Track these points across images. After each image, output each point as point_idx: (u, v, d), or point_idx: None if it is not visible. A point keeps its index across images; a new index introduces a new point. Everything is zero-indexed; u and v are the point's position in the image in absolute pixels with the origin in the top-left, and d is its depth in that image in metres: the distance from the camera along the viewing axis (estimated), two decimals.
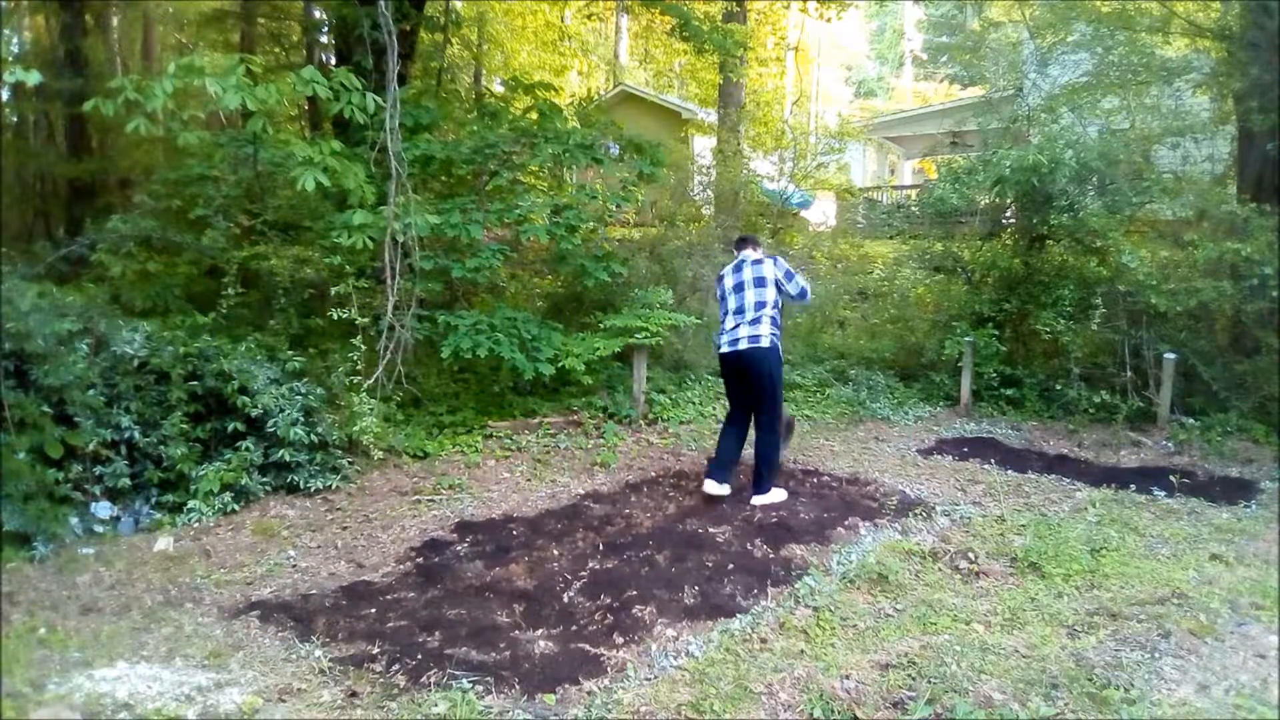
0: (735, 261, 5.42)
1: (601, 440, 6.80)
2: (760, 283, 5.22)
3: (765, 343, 5.11)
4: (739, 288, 5.26)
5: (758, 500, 5.16)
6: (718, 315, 9.01)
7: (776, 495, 5.23)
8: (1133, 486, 5.75)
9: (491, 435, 6.69)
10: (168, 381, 5.15)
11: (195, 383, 5.25)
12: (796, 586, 3.97)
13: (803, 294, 5.33)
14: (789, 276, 5.27)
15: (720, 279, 5.47)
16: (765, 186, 13.91)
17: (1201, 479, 6.01)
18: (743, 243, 5.55)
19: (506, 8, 15.59)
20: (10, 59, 11.73)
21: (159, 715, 2.86)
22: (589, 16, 18.47)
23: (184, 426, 5.11)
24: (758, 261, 5.30)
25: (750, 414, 5.31)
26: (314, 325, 6.78)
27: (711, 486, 5.19)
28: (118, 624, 3.63)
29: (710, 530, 4.76)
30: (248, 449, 5.23)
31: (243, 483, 5.16)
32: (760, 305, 5.17)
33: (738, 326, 5.19)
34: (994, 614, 3.70)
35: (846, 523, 4.88)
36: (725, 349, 5.23)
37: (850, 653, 3.31)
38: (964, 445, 6.91)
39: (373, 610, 3.81)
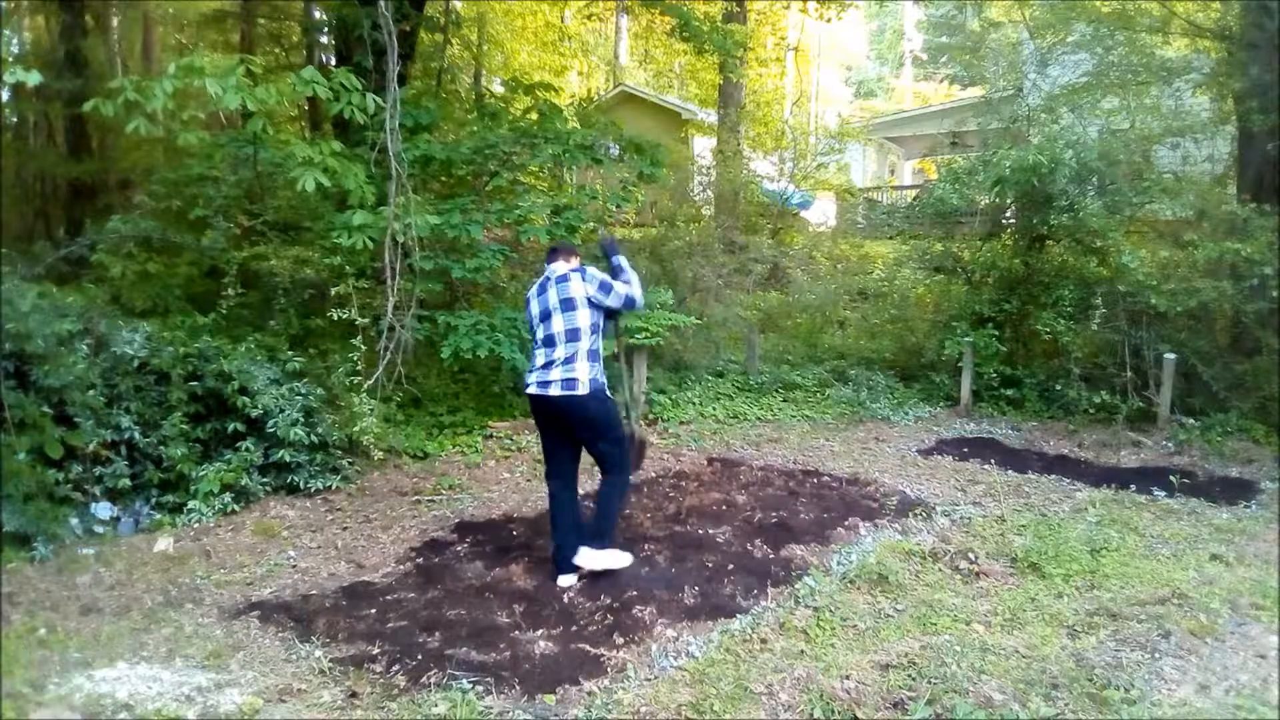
0: (541, 280, 4.31)
1: None
2: (569, 305, 4.10)
3: (583, 388, 4.04)
4: (546, 316, 4.15)
5: (586, 558, 4.08)
6: (716, 315, 9.16)
7: (614, 558, 4.17)
8: (1133, 487, 5.74)
9: (491, 435, 6.69)
10: (168, 382, 5.15)
11: (195, 383, 5.25)
12: (796, 587, 3.97)
13: (630, 302, 4.26)
14: (604, 289, 4.15)
15: (528, 300, 4.34)
16: (765, 187, 13.92)
17: (1201, 479, 6.01)
18: (553, 254, 4.40)
19: (506, 8, 15.59)
20: (10, 59, 11.73)
21: (159, 716, 2.86)
22: (589, 17, 18.46)
23: (184, 427, 5.11)
24: (563, 279, 4.15)
25: (573, 465, 4.31)
26: (314, 326, 6.77)
27: (566, 580, 4.12)
28: (118, 624, 3.63)
29: (710, 530, 4.76)
30: (248, 449, 5.23)
31: (243, 483, 5.17)
32: (573, 336, 4.08)
33: (549, 365, 4.07)
34: (994, 614, 3.70)
35: (846, 523, 4.88)
36: (534, 390, 4.12)
37: (850, 653, 3.31)
38: (964, 445, 6.91)
39: (373, 611, 3.81)
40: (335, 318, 5.75)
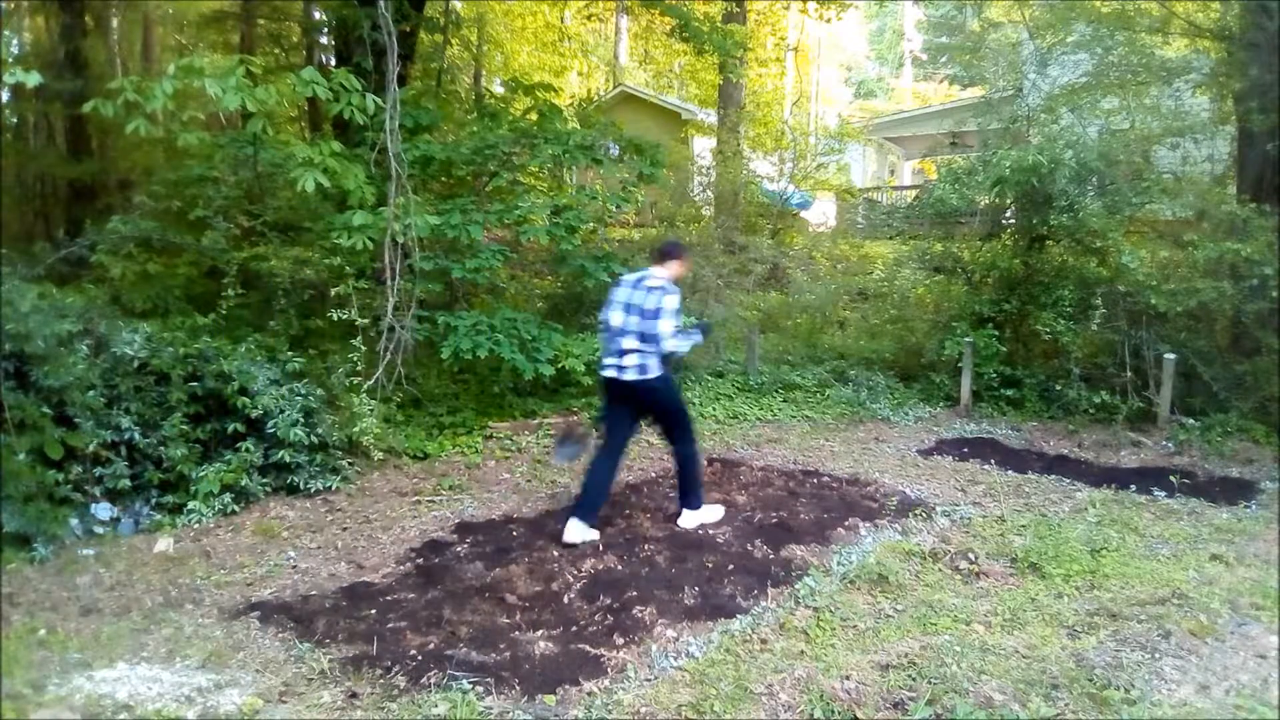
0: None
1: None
2: None
3: None
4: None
5: None
6: (716, 315, 9.16)
7: None
8: (1133, 487, 5.74)
9: (491, 436, 6.69)
10: (168, 383, 5.15)
11: (195, 384, 5.25)
12: (797, 587, 3.97)
13: None
14: None
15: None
16: (765, 187, 13.94)
17: (1201, 479, 6.01)
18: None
19: (506, 8, 15.61)
20: (10, 60, 11.73)
21: (159, 716, 2.86)
22: (589, 17, 18.49)
23: (184, 428, 5.11)
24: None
25: None
26: (314, 326, 6.77)
27: None
28: (118, 625, 3.63)
29: (710, 531, 4.76)
30: (248, 450, 5.23)
31: (243, 484, 5.16)
32: None
33: None
34: (994, 614, 3.70)
35: (847, 523, 4.88)
36: None
37: (850, 653, 3.31)
38: (964, 446, 6.91)
39: (373, 611, 3.81)
40: (335, 318, 5.76)
